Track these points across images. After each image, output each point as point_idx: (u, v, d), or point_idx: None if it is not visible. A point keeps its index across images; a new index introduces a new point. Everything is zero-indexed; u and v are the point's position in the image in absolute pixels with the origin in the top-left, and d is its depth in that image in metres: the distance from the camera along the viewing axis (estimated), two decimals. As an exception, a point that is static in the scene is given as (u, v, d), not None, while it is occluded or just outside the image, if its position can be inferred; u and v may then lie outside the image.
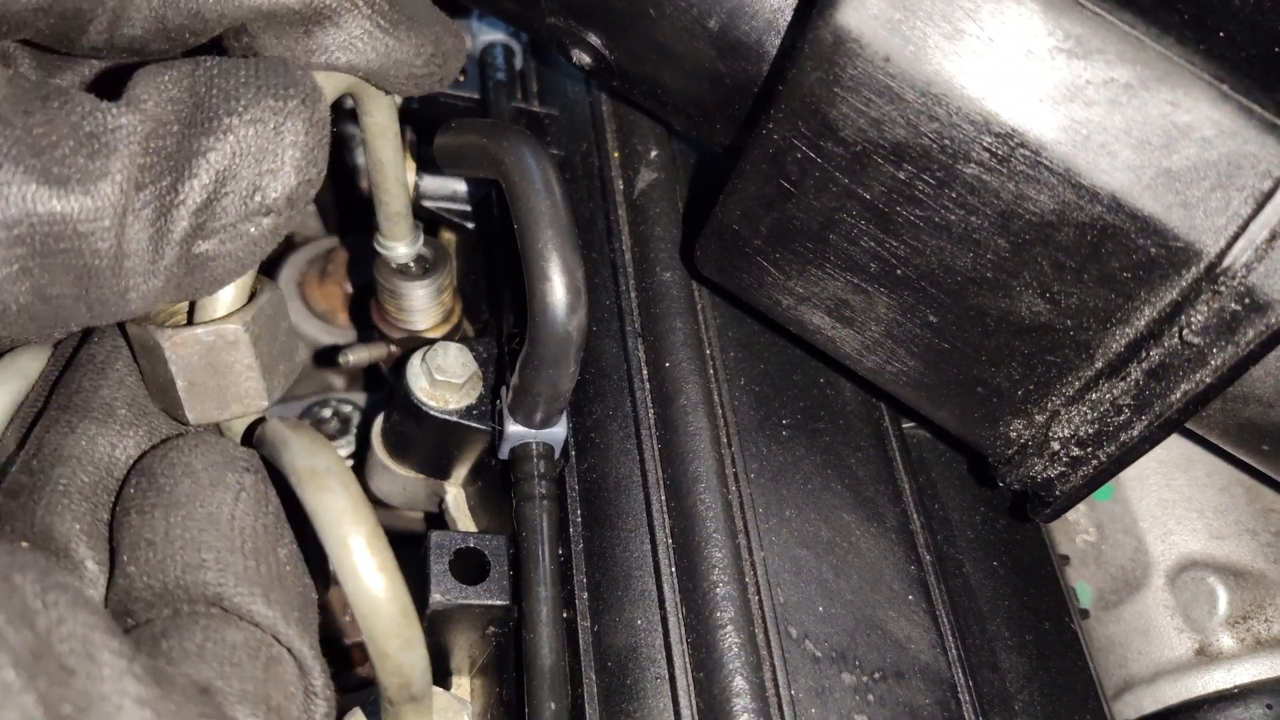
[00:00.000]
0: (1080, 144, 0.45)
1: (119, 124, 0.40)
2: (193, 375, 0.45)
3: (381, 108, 0.57)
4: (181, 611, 0.41)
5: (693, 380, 0.60)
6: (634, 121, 0.73)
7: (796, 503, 0.58)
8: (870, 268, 0.53)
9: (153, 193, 0.41)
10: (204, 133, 0.42)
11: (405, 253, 0.68)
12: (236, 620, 0.41)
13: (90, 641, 0.33)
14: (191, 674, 0.39)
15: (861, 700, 0.53)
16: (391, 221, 0.66)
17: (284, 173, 0.43)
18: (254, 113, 0.43)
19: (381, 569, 0.40)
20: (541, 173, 0.55)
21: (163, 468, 0.44)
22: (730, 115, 0.61)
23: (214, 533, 0.42)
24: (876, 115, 0.47)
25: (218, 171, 0.42)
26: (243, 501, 0.43)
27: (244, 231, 0.43)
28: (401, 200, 0.65)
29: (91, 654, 0.33)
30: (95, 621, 0.33)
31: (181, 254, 0.42)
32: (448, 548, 0.55)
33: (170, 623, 0.41)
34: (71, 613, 0.33)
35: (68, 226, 0.39)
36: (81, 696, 0.32)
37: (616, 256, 0.67)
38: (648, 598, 0.54)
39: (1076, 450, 0.51)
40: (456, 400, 0.61)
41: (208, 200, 0.42)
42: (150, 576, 0.41)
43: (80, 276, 0.40)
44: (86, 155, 0.39)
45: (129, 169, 0.40)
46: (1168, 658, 0.64)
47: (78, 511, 0.43)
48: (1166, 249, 0.45)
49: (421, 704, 0.43)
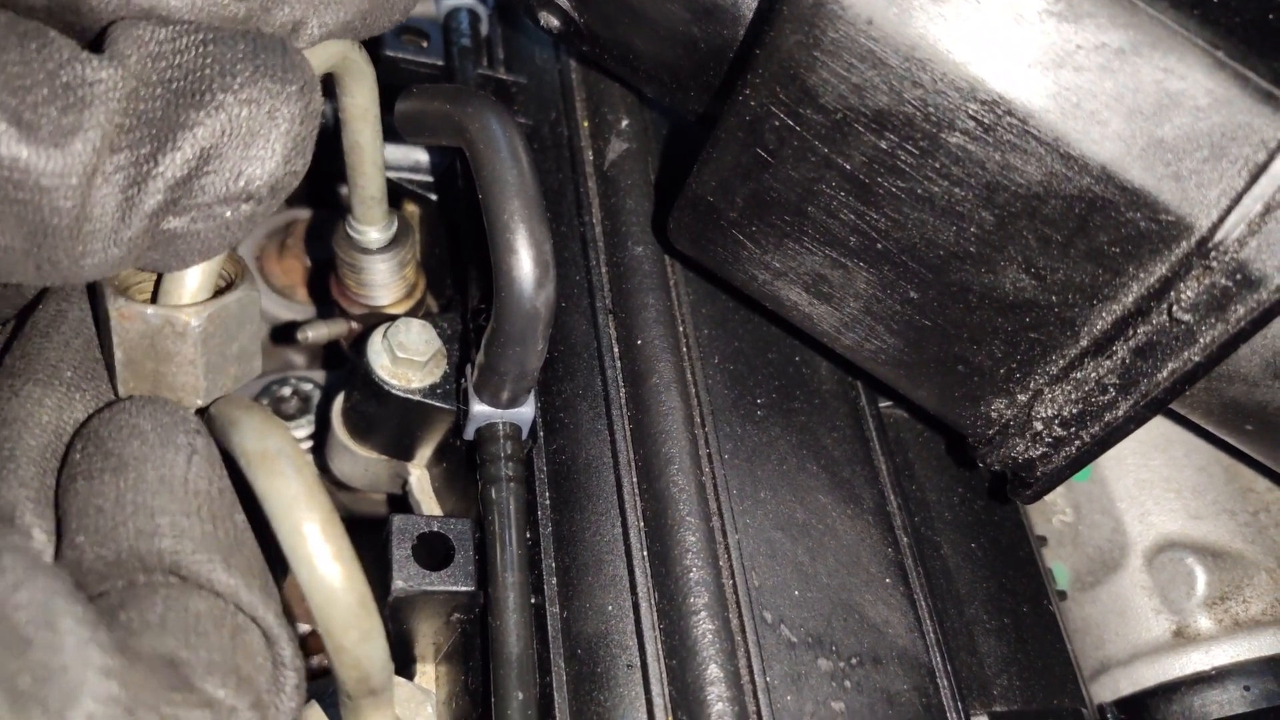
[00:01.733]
0: (1069, 112, 0.43)
1: (99, 78, 0.37)
2: (132, 351, 0.43)
3: (364, 89, 0.55)
4: (138, 582, 0.38)
5: (665, 358, 0.59)
6: (604, 89, 0.71)
7: (771, 484, 0.57)
8: (850, 241, 0.51)
9: (128, 158, 0.38)
10: (194, 104, 0.39)
11: (377, 238, 0.67)
12: (197, 589, 0.39)
13: (50, 608, 0.31)
14: (155, 646, 0.36)
15: (838, 686, 0.51)
16: (365, 206, 0.64)
17: (272, 160, 0.41)
18: (250, 92, 0.40)
19: (337, 557, 0.37)
20: (508, 140, 0.52)
21: (109, 430, 0.41)
22: (705, 82, 0.58)
23: (167, 496, 0.39)
24: (858, 81, 0.45)
25: (203, 148, 0.39)
26: (195, 464, 0.41)
27: (219, 214, 0.41)
28: (377, 184, 0.62)
29: (51, 621, 0.30)
30: (55, 586, 0.31)
31: (149, 227, 0.39)
32: (410, 532, 0.54)
33: (127, 594, 0.38)
34: (29, 577, 0.30)
35: (30, 177, 0.36)
36: (40, 667, 0.30)
37: (586, 230, 0.65)
38: (618, 583, 0.53)
39: (1059, 430, 0.50)
40: (419, 379, 0.59)
41: (187, 176, 0.39)
42: (102, 546, 0.38)
43: (34, 232, 0.37)
44: (60, 107, 0.36)
45: (105, 128, 0.37)
46: (1145, 639, 0.63)
47: (24, 477, 0.40)
48: (1157, 222, 0.44)
49: (382, 697, 0.41)
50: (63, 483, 0.41)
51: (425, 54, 0.75)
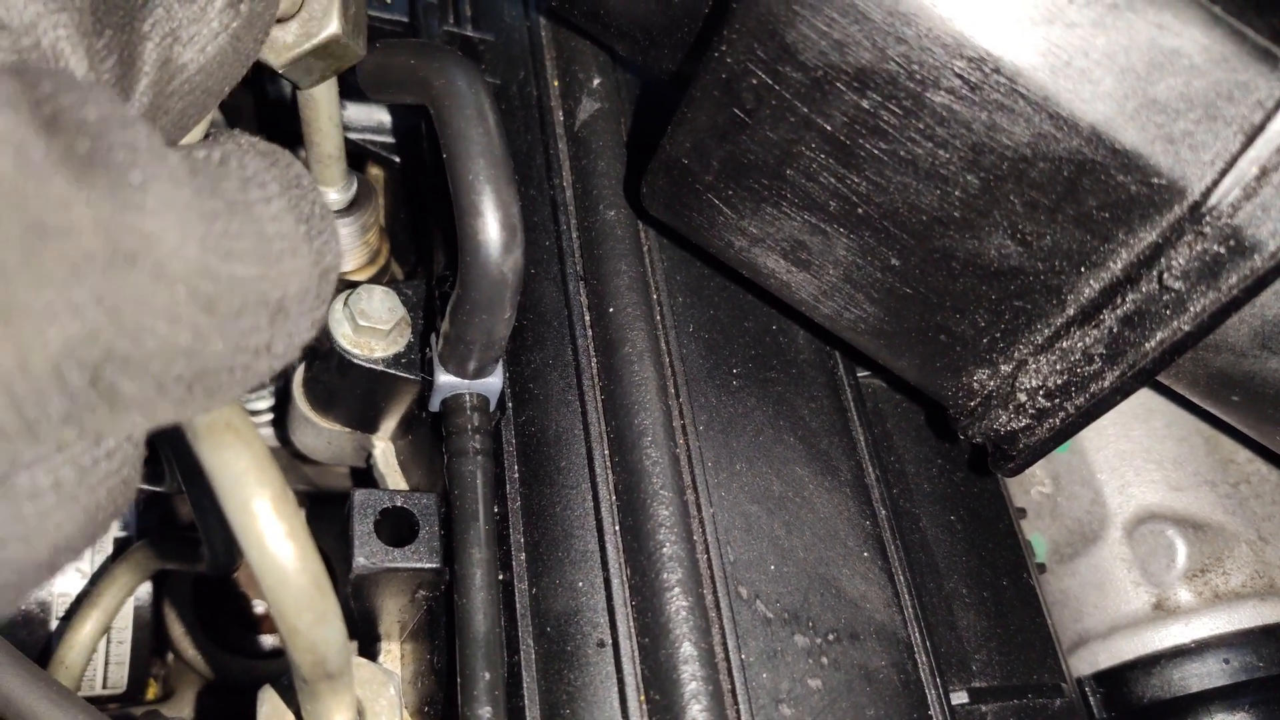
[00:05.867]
0: (1059, 70, 0.41)
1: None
2: None
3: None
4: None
5: (638, 327, 0.57)
6: (575, 47, 0.68)
7: (747, 456, 0.55)
8: (830, 206, 0.49)
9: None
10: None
11: (337, 199, 0.64)
12: None
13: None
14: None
15: (815, 663, 0.50)
16: (323, 164, 0.61)
17: None
18: None
19: (290, 535, 0.35)
20: (474, 97, 0.50)
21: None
22: (679, 39, 0.56)
23: None
24: (840, 37, 0.43)
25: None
26: None
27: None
28: (334, 142, 0.60)
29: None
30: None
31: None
32: (373, 507, 0.52)
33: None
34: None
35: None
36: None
37: (556, 193, 0.63)
38: (590, 559, 0.51)
39: (1044, 401, 0.48)
40: (383, 348, 0.56)
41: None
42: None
43: None
44: None
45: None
46: (1124, 612, 0.63)
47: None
48: (1148, 186, 0.42)
49: (340, 681, 0.40)
50: None
51: (388, 9, 0.72)
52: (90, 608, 0.69)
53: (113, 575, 0.70)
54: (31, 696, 0.48)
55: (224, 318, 0.29)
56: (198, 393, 0.29)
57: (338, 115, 0.58)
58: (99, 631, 0.69)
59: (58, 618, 0.71)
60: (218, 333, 0.28)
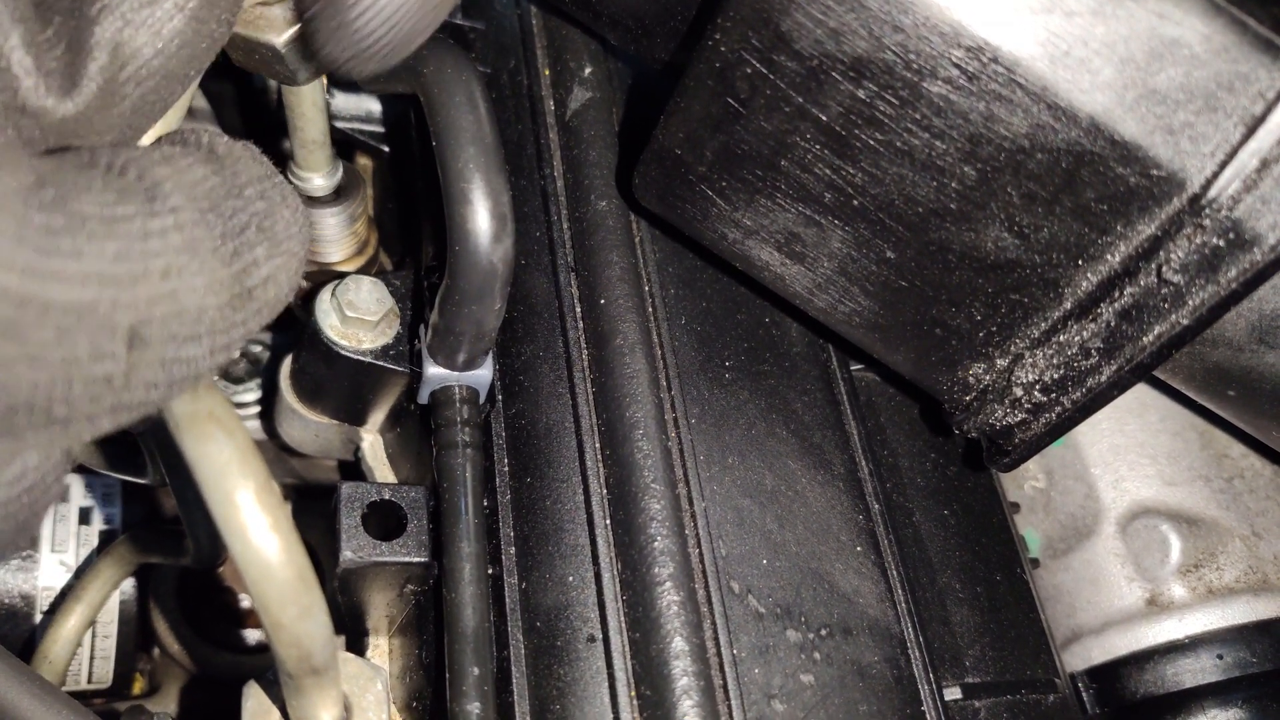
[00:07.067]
0: (1058, 59, 0.41)
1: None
2: None
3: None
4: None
5: (630, 319, 0.56)
6: (566, 36, 0.67)
7: (740, 450, 0.55)
8: (824, 198, 0.48)
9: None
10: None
11: (322, 184, 0.63)
12: None
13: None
14: None
15: (807, 659, 0.50)
16: (307, 150, 0.60)
17: None
18: None
19: (274, 528, 0.35)
20: (464, 85, 0.49)
21: None
22: (672, 27, 0.55)
23: None
24: (835, 25, 0.43)
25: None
26: None
27: None
28: (319, 126, 0.59)
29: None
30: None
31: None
32: (361, 500, 0.51)
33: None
34: None
35: None
36: None
37: (547, 183, 0.62)
38: (580, 553, 0.51)
39: (1040, 396, 0.48)
40: (371, 339, 0.56)
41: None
42: None
43: None
44: None
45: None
46: (1118, 607, 0.62)
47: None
48: (1147, 178, 0.41)
49: (325, 676, 0.39)
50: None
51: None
52: (74, 602, 0.68)
53: (97, 569, 0.69)
54: (15, 692, 0.48)
55: (37, 345, 0.26)
56: (24, 422, 0.27)
57: (322, 100, 0.57)
58: (83, 626, 0.68)
59: (41, 612, 0.70)
60: (25, 362, 0.26)
